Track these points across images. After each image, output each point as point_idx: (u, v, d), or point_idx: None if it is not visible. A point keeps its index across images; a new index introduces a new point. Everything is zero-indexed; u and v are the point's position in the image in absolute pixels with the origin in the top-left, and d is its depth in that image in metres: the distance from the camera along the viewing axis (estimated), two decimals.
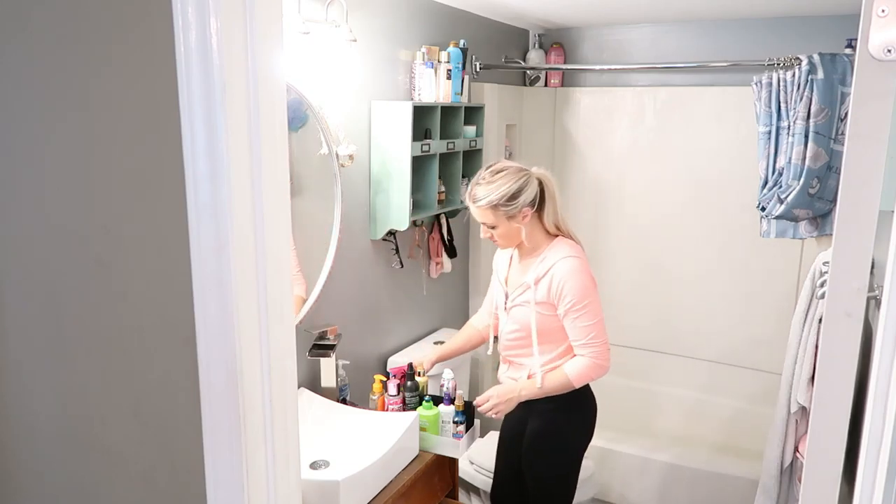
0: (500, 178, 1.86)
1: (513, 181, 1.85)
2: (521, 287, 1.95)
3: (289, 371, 1.03)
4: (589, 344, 1.87)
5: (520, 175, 1.87)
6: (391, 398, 2.09)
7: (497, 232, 1.91)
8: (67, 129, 1.04)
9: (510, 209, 1.86)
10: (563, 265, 1.88)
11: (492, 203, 1.85)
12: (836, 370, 0.87)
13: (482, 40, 3.00)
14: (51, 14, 1.01)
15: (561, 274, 1.87)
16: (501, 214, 1.87)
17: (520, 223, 1.89)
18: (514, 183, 1.85)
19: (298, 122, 2.03)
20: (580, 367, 1.88)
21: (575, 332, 1.88)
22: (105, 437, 1.14)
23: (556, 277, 1.87)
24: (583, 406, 2.03)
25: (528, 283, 1.93)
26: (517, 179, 1.86)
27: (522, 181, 1.86)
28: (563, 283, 1.86)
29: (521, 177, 1.87)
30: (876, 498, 0.86)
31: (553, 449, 2.02)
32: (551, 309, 1.90)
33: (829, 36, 2.72)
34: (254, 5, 0.88)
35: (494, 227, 1.90)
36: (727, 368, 3.26)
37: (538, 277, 1.90)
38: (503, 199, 1.84)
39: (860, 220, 0.82)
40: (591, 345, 1.88)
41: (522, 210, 1.87)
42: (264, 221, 0.94)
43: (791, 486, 2.26)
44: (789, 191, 2.47)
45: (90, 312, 1.10)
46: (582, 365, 1.88)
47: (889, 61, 0.77)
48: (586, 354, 1.88)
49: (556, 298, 1.88)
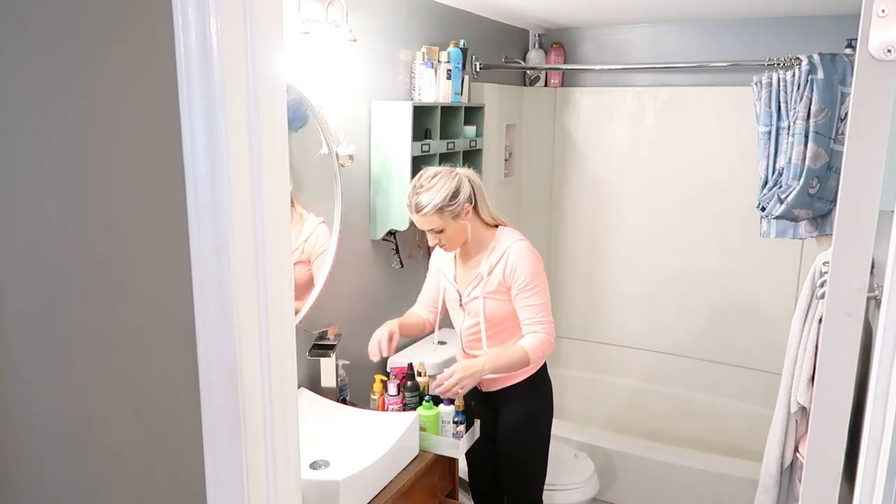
0: (437, 181, 1.94)
1: (449, 180, 1.94)
2: (475, 280, 2.02)
3: (289, 371, 1.03)
4: (540, 321, 1.97)
5: (452, 175, 1.96)
6: (391, 398, 2.09)
7: (444, 235, 1.98)
8: (67, 129, 1.04)
9: (455, 207, 1.93)
10: (515, 248, 1.98)
11: (437, 206, 1.91)
12: (836, 370, 0.87)
13: (482, 40, 3.00)
14: (51, 14, 1.01)
15: (514, 256, 1.97)
16: (448, 215, 1.93)
17: (465, 220, 1.97)
18: (451, 182, 1.94)
19: (298, 122, 2.03)
20: (535, 342, 1.96)
21: (526, 312, 1.98)
22: (105, 437, 1.14)
23: (510, 260, 1.97)
24: (545, 386, 2.13)
25: (481, 273, 2.00)
26: (451, 178, 1.95)
27: (457, 179, 1.95)
28: (516, 265, 1.96)
29: (454, 176, 1.96)
30: (876, 498, 0.86)
31: (529, 435, 2.12)
32: (504, 294, 1.99)
33: (829, 36, 2.72)
34: (254, 5, 0.88)
35: (441, 230, 1.96)
36: (727, 368, 3.26)
37: (492, 266, 1.99)
38: (446, 199, 1.92)
39: (860, 220, 0.82)
40: (542, 322, 1.97)
41: (464, 206, 1.95)
42: (264, 221, 0.94)
43: (791, 486, 2.25)
44: (789, 191, 2.46)
45: (90, 312, 1.10)
46: (537, 340, 1.96)
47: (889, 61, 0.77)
48: (538, 331, 1.97)
49: (510, 279, 1.97)
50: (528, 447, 2.13)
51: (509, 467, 2.17)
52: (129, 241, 1.04)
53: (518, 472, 2.16)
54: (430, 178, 1.95)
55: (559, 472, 2.37)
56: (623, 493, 2.82)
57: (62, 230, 1.09)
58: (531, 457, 2.14)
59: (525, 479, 2.17)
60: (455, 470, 2.17)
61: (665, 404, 3.38)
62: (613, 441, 2.84)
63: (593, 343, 3.57)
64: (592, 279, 3.50)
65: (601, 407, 3.50)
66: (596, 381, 3.49)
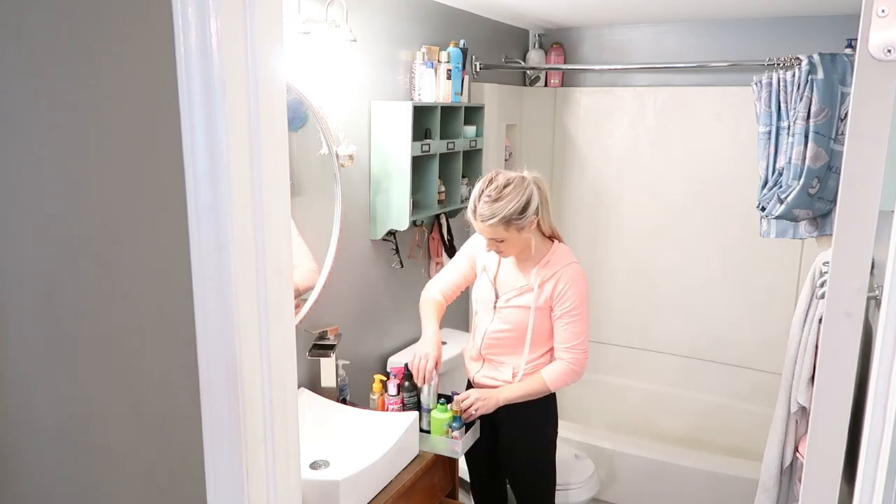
0: (509, 192, 1.83)
1: (521, 193, 1.83)
2: (520, 289, 1.97)
3: (289, 371, 1.03)
4: (573, 349, 1.93)
5: (524, 185, 1.85)
6: (391, 398, 2.09)
7: (504, 244, 1.89)
8: (67, 129, 1.04)
9: (522, 221, 1.84)
10: (568, 270, 1.93)
11: (505, 219, 1.82)
12: (836, 370, 0.87)
13: (482, 40, 3.00)
14: (51, 14, 1.01)
15: (567, 279, 1.91)
16: (513, 228, 1.84)
17: (529, 233, 1.89)
18: (523, 195, 1.83)
19: (298, 122, 2.03)
20: (557, 373, 1.94)
21: (563, 336, 1.93)
22: (105, 437, 1.14)
23: (561, 281, 1.91)
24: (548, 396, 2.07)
25: (530, 285, 1.94)
26: (524, 190, 1.84)
27: (528, 191, 1.85)
28: (567, 288, 1.91)
29: (526, 187, 1.85)
30: (876, 498, 0.86)
31: (531, 444, 2.08)
32: (547, 312, 1.95)
33: (829, 36, 2.72)
34: (254, 5, 0.87)
35: (503, 240, 1.88)
36: (727, 368, 3.26)
37: (543, 280, 1.93)
38: (515, 213, 1.82)
39: (860, 220, 0.82)
40: (574, 350, 1.93)
41: (531, 219, 1.86)
42: (264, 221, 0.94)
43: (791, 486, 2.26)
44: (789, 191, 2.46)
45: (90, 312, 1.10)
46: (559, 371, 1.94)
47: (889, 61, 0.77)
48: (566, 360, 1.93)
49: (556, 301, 1.92)
50: (531, 457, 2.09)
51: (515, 477, 2.15)
52: (129, 241, 1.04)
53: (524, 481, 2.13)
54: (500, 187, 1.83)
55: (559, 472, 2.36)
56: (623, 493, 2.82)
57: (62, 230, 1.09)
58: (534, 465, 2.11)
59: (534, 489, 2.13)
60: (455, 470, 2.17)
61: (665, 404, 3.37)
62: (613, 441, 2.84)
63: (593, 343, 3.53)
64: (591, 279, 3.47)
65: (601, 407, 3.50)
66: (596, 381, 3.49)
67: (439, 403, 2.03)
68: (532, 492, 2.14)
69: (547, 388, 1.95)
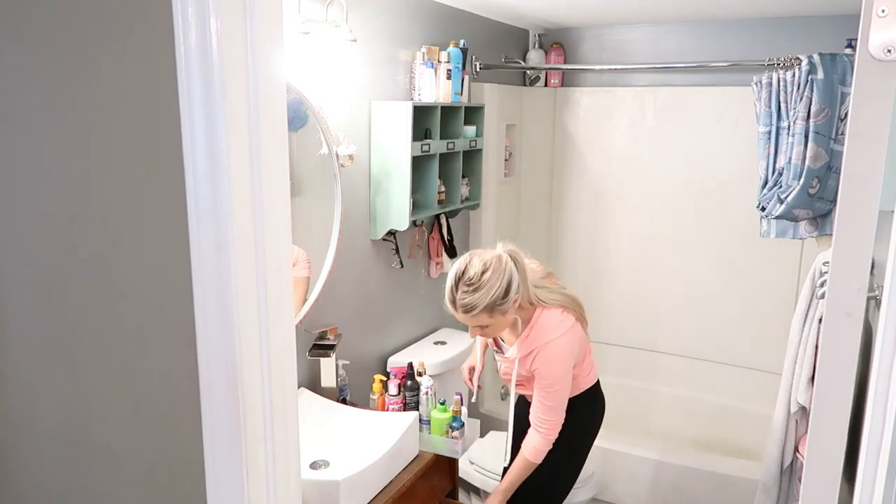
0: (488, 278, 1.74)
1: (501, 277, 1.75)
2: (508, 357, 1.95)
3: (289, 371, 1.03)
4: (545, 421, 1.87)
5: (503, 267, 1.76)
6: (391, 398, 2.09)
7: (489, 329, 1.83)
8: (67, 128, 1.04)
9: (505, 305, 1.77)
10: (546, 351, 1.84)
11: (488, 308, 1.75)
12: (836, 370, 0.87)
13: (482, 40, 3.00)
14: (51, 14, 1.01)
15: (544, 360, 1.84)
16: (498, 313, 1.77)
17: (514, 313, 1.83)
18: (503, 278, 1.75)
19: (298, 122, 2.03)
20: (535, 446, 1.89)
21: (538, 407, 1.88)
22: (105, 437, 1.14)
23: (537, 360, 1.85)
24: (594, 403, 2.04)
25: (512, 357, 1.92)
26: (503, 273, 1.75)
27: (508, 273, 1.76)
28: (542, 367, 1.85)
29: (505, 269, 1.76)
30: (876, 498, 0.86)
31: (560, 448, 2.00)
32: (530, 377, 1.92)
33: (829, 36, 2.72)
34: (254, 5, 0.88)
35: (486, 326, 1.81)
36: (727, 368, 3.26)
37: (523, 356, 1.88)
38: (498, 299, 1.74)
39: (860, 220, 0.82)
40: (546, 422, 1.87)
41: (514, 300, 1.78)
42: (264, 221, 0.94)
43: (791, 486, 2.26)
44: (789, 191, 2.46)
45: (90, 312, 1.10)
46: (537, 442, 1.89)
47: (889, 61, 0.77)
48: (542, 431, 1.88)
49: (533, 372, 1.88)
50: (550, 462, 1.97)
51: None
52: (129, 240, 1.04)
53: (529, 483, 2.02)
54: (478, 274, 1.74)
55: None
56: (623, 493, 2.82)
57: (62, 230, 1.09)
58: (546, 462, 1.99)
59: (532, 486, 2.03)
60: (455, 470, 2.17)
61: (665, 404, 3.37)
62: (613, 441, 2.84)
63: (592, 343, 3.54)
64: (592, 279, 3.50)
65: None
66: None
67: (440, 404, 2.03)
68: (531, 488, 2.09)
69: (531, 464, 1.91)
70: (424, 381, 2.07)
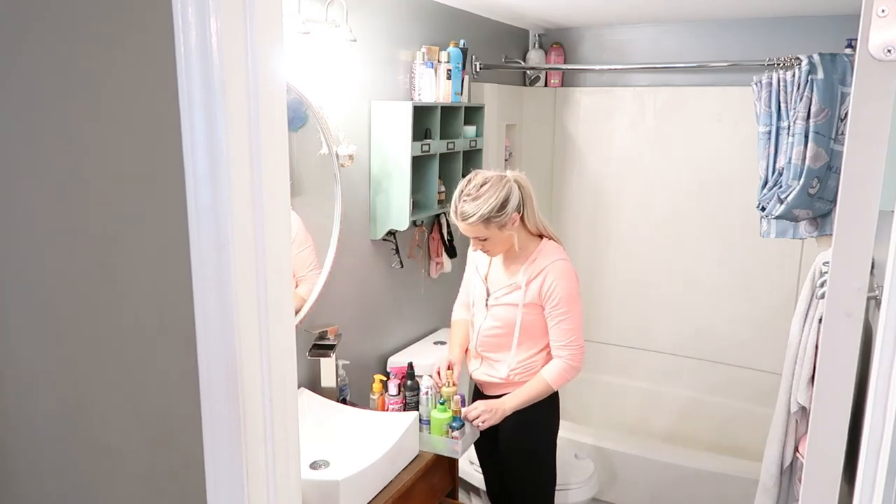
0: (486, 190, 1.87)
1: (499, 190, 1.87)
2: (509, 287, 1.98)
3: (289, 371, 1.03)
4: (568, 346, 1.94)
5: (503, 183, 1.89)
6: (391, 398, 2.09)
7: (488, 243, 1.93)
8: (67, 128, 1.04)
9: (502, 218, 1.88)
10: (555, 267, 1.93)
11: (484, 217, 1.86)
12: (836, 370, 0.87)
13: (482, 40, 3.00)
14: (51, 14, 1.01)
15: (553, 276, 1.92)
16: (494, 226, 1.89)
17: (511, 230, 1.92)
18: (501, 192, 1.87)
19: (298, 122, 2.03)
20: (557, 371, 1.95)
21: (556, 333, 1.95)
22: (105, 436, 1.14)
23: (548, 279, 1.92)
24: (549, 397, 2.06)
25: (517, 283, 1.96)
26: (502, 188, 1.88)
27: (507, 188, 1.88)
28: (554, 285, 1.91)
29: (504, 184, 1.89)
30: (876, 498, 0.86)
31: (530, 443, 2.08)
32: (537, 310, 1.96)
33: (829, 36, 2.72)
34: (254, 5, 0.87)
35: (486, 239, 1.92)
36: (727, 368, 3.26)
37: (530, 279, 1.94)
38: (493, 210, 1.86)
39: (860, 220, 0.82)
40: (569, 347, 1.94)
41: (511, 216, 1.89)
42: (264, 221, 0.94)
43: (791, 486, 2.25)
44: (789, 191, 2.46)
45: (90, 312, 1.10)
46: (559, 368, 1.95)
47: (889, 61, 0.77)
48: (563, 357, 1.95)
49: (545, 299, 1.93)
50: (531, 456, 2.09)
51: (515, 476, 2.14)
52: (129, 240, 1.04)
53: (524, 481, 2.13)
54: (478, 185, 1.88)
55: (559, 472, 2.36)
56: (623, 493, 2.82)
57: (62, 230, 1.09)
58: (535, 465, 2.10)
59: (532, 488, 2.13)
60: (455, 470, 2.17)
61: (665, 404, 3.37)
62: (613, 441, 2.84)
63: (593, 343, 3.56)
64: (592, 279, 3.50)
65: (601, 407, 3.49)
66: (595, 380, 3.49)
67: (440, 404, 2.03)
68: (531, 491, 2.14)
69: (549, 387, 1.95)
70: (424, 381, 2.07)
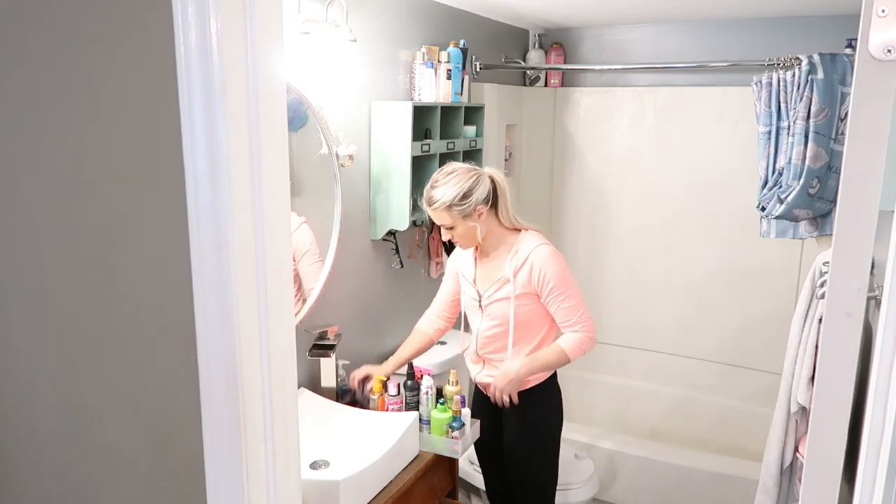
0: (452, 178, 1.92)
1: (464, 180, 1.92)
2: (498, 283, 2.00)
3: (289, 371, 1.03)
4: (578, 321, 1.96)
5: (470, 174, 1.93)
6: (391, 398, 2.09)
7: (456, 232, 1.97)
8: (68, 128, 1.04)
9: (464, 208, 1.91)
10: (538, 252, 1.95)
11: (445, 204, 1.91)
12: (836, 370, 0.87)
13: (482, 40, 3.00)
14: (51, 14, 1.01)
15: (540, 262, 1.94)
16: (457, 214, 1.92)
17: (475, 222, 1.95)
18: (465, 182, 1.91)
19: (298, 122, 2.03)
20: (575, 340, 1.96)
21: (563, 314, 1.96)
22: (105, 437, 1.14)
23: (535, 265, 1.94)
24: (552, 395, 2.09)
25: (505, 276, 1.97)
26: (468, 179, 1.92)
27: (473, 180, 1.92)
28: (543, 270, 1.93)
29: (472, 176, 1.93)
30: (876, 498, 0.86)
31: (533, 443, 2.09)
32: (532, 299, 1.97)
33: (829, 36, 2.72)
34: (254, 5, 0.87)
35: (452, 227, 1.95)
36: (727, 368, 3.26)
37: (516, 269, 1.96)
38: (456, 198, 1.90)
39: (860, 220, 0.82)
40: (580, 321, 1.96)
41: (476, 208, 1.92)
42: (264, 221, 0.94)
43: (791, 486, 2.26)
44: (789, 191, 2.46)
45: (90, 312, 1.10)
46: (576, 338, 1.96)
47: (889, 61, 0.77)
48: (578, 330, 1.96)
49: (538, 286, 1.95)
50: (532, 455, 2.09)
51: (516, 475, 2.15)
52: (129, 240, 1.04)
53: (524, 480, 2.13)
54: (447, 174, 1.94)
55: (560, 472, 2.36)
56: (623, 493, 2.82)
57: (62, 230, 1.09)
58: (536, 465, 2.11)
59: (533, 487, 2.14)
60: (455, 470, 2.17)
61: (665, 404, 3.37)
62: (613, 441, 2.84)
63: None
64: (592, 279, 3.50)
65: (601, 407, 3.49)
66: (595, 380, 3.49)
67: (440, 404, 2.03)
68: (532, 491, 2.14)
69: (565, 356, 1.95)
70: (425, 381, 2.07)
